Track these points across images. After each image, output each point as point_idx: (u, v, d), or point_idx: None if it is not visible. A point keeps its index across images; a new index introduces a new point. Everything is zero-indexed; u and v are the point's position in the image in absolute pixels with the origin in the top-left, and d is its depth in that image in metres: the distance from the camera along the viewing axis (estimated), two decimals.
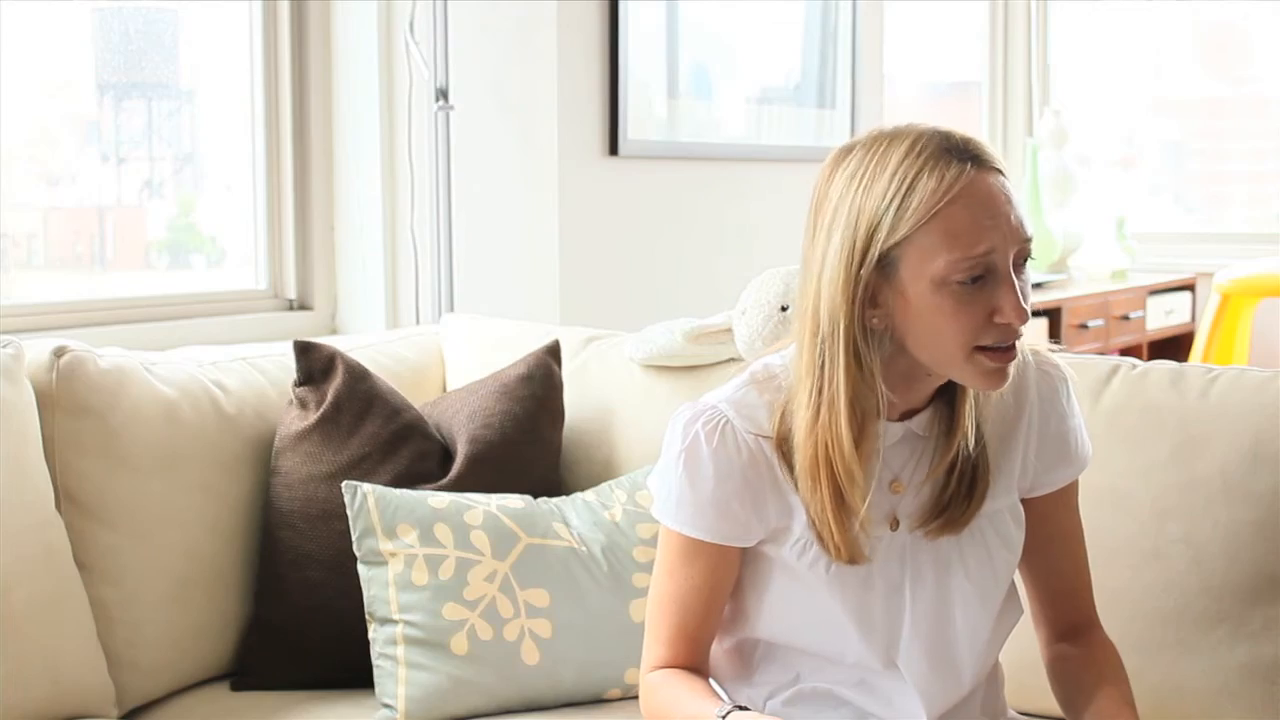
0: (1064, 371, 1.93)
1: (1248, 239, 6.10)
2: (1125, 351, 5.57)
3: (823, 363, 1.76)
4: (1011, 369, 1.77)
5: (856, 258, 1.73)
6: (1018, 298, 1.73)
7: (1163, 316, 5.90)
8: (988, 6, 6.64)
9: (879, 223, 1.71)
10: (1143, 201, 6.45)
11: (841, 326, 1.74)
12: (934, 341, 1.75)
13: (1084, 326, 5.30)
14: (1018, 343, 1.77)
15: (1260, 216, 6.25)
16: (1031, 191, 5.87)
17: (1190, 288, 6.10)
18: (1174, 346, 5.99)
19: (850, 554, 1.80)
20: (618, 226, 3.98)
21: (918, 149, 1.72)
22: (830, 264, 1.74)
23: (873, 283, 1.74)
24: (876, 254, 1.72)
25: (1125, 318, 5.59)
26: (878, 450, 1.80)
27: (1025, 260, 1.76)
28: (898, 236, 1.71)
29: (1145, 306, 5.75)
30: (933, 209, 1.70)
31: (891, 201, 1.71)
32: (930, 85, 6.65)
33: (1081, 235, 6.09)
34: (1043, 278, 5.58)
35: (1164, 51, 6.43)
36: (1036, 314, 5.05)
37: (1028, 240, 1.75)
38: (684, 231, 4.21)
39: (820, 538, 1.81)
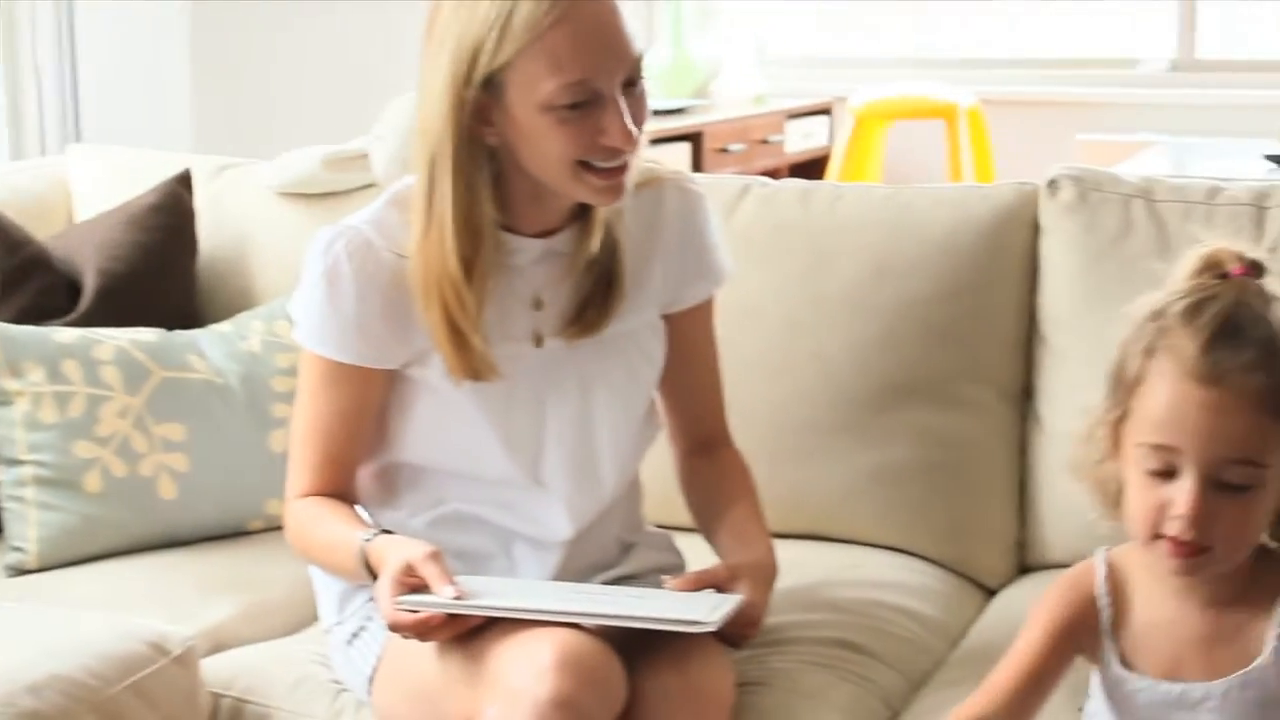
0: (700, 189, 1.97)
1: (881, 64, 6.24)
2: (766, 175, 5.66)
3: (432, 182, 1.78)
4: (625, 182, 1.80)
5: (460, 81, 1.74)
6: (623, 120, 1.76)
7: (801, 140, 6.01)
8: None
9: (481, 46, 1.73)
10: (783, 25, 6.53)
11: (448, 147, 1.76)
12: (542, 160, 1.78)
13: (725, 150, 5.37)
14: (652, 164, 1.81)
15: (893, 41, 6.39)
16: (674, 15, 5.89)
17: (828, 111, 6.23)
18: (814, 169, 6.11)
19: (469, 373, 1.82)
20: (252, 52, 3.90)
21: None
22: (437, 86, 1.76)
23: (481, 103, 1.75)
24: (480, 77, 1.74)
25: (765, 141, 5.69)
26: (502, 266, 1.82)
27: (637, 80, 1.78)
28: (501, 60, 1.73)
29: (784, 130, 5.86)
30: (534, 34, 1.72)
31: (494, 25, 1.72)
32: None
33: (722, 59, 6.15)
34: (684, 103, 5.62)
35: None
36: (678, 139, 5.09)
37: (637, 60, 1.78)
38: (321, 58, 4.15)
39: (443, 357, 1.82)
